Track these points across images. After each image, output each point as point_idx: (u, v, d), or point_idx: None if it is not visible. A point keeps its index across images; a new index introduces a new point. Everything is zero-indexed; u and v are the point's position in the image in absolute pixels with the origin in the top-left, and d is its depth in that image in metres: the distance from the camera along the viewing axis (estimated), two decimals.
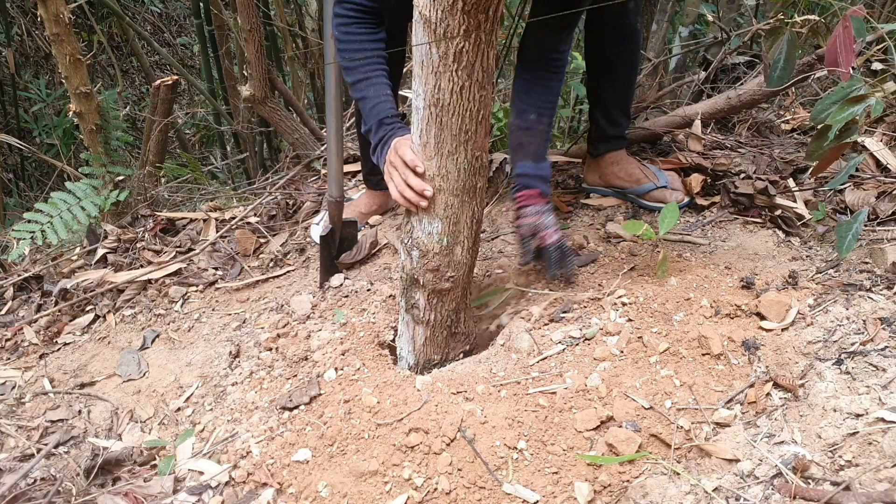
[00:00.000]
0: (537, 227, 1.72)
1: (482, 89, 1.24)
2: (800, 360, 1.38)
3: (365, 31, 1.57)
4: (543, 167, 1.78)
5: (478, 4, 1.10)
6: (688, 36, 2.76)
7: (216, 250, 2.31)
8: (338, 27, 1.58)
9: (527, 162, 1.77)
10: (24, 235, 2.25)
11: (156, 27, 5.70)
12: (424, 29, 1.17)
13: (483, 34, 1.15)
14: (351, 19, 1.56)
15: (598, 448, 1.28)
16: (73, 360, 1.92)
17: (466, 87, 1.22)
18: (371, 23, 1.57)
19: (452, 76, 1.20)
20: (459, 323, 1.59)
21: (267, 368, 1.68)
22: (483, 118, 1.29)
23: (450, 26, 1.13)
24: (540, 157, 1.77)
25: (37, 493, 1.37)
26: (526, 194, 1.76)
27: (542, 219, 1.73)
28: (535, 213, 1.73)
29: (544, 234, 1.71)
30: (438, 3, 1.11)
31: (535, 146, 1.77)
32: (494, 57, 1.23)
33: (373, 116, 1.54)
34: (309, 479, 1.34)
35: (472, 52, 1.17)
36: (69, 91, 2.38)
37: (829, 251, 1.76)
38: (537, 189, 1.75)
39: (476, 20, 1.12)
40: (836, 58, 1.32)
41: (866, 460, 1.07)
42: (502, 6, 1.15)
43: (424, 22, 1.16)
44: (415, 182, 1.37)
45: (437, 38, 1.16)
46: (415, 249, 1.46)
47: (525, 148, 1.77)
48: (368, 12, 1.56)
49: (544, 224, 1.72)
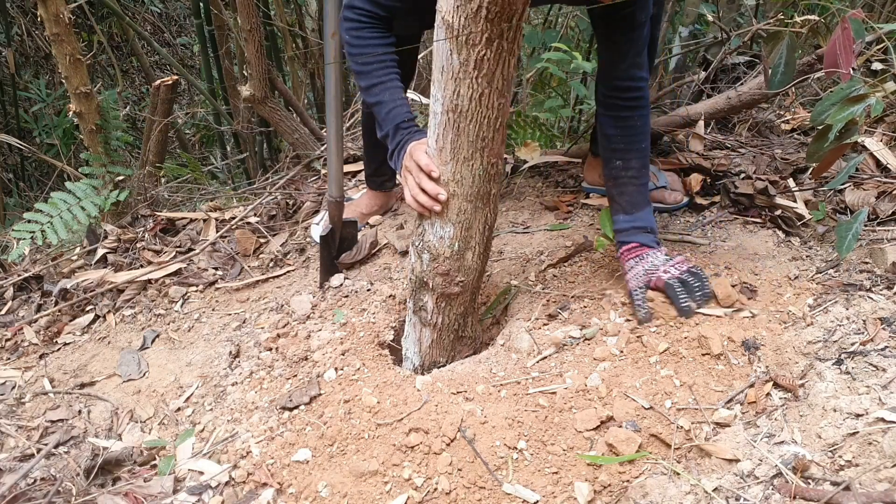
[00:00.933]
0: (647, 275, 1.59)
1: (501, 97, 1.24)
2: (800, 360, 1.38)
3: (377, 36, 1.55)
4: (640, 217, 1.66)
5: (501, 13, 1.10)
6: (688, 36, 2.75)
7: (216, 250, 2.31)
8: (348, 31, 1.56)
9: (619, 216, 1.67)
10: (24, 235, 2.25)
11: (156, 27, 5.70)
12: (446, 34, 1.16)
13: (505, 42, 1.15)
14: (362, 24, 1.54)
15: (598, 448, 1.29)
16: (73, 360, 1.92)
17: (486, 95, 1.22)
18: (381, 27, 1.55)
19: (472, 83, 1.20)
20: (467, 327, 1.60)
21: (267, 368, 1.68)
22: (500, 125, 1.29)
23: (472, 33, 1.13)
24: (634, 206, 1.65)
25: (37, 493, 1.37)
26: (625, 251, 1.66)
27: (647, 265, 1.60)
28: (637, 263, 1.62)
29: (657, 279, 1.57)
30: (462, 10, 1.11)
31: (628, 196, 1.66)
32: (515, 65, 1.23)
33: (389, 121, 1.52)
34: (309, 479, 1.34)
35: (494, 60, 1.17)
36: (69, 91, 2.38)
37: (829, 251, 1.76)
38: (635, 242, 1.64)
39: (499, 28, 1.12)
40: (836, 60, 1.32)
41: (866, 460, 1.07)
42: (526, 16, 1.15)
43: (447, 28, 1.15)
44: (429, 186, 1.36)
45: (458, 44, 1.15)
46: (426, 252, 1.46)
47: (617, 200, 1.68)
48: (379, 17, 1.54)
49: (652, 267, 1.59)
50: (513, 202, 2.25)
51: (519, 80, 3.28)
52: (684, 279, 1.56)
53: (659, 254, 1.62)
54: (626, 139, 1.64)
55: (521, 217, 2.17)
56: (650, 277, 1.58)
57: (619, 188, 1.67)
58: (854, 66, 1.31)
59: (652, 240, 1.65)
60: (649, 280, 1.58)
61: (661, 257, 1.61)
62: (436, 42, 1.21)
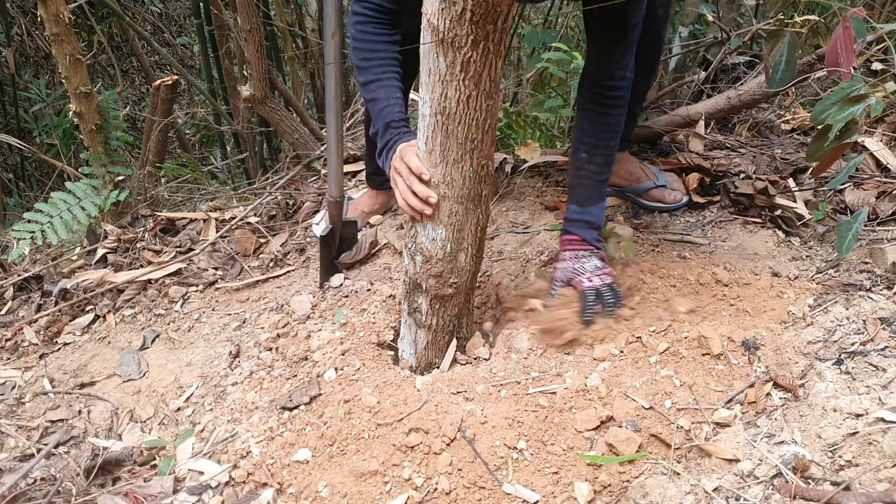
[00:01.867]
0: (573, 273, 1.62)
1: (489, 99, 1.24)
2: (800, 360, 1.38)
3: (381, 31, 1.55)
4: (590, 212, 1.67)
5: (486, 15, 1.10)
6: (688, 36, 2.75)
7: (216, 250, 2.31)
8: (354, 25, 1.56)
9: (572, 205, 1.69)
10: (24, 235, 2.25)
11: (156, 27, 5.70)
12: (432, 37, 1.16)
13: (491, 44, 1.15)
14: (368, 18, 1.54)
15: (598, 448, 1.28)
16: (73, 360, 1.92)
17: (473, 97, 1.22)
18: (387, 23, 1.55)
19: (459, 85, 1.20)
20: (462, 328, 1.60)
21: (267, 368, 1.68)
22: (490, 127, 1.29)
23: (458, 36, 1.13)
24: (588, 200, 1.67)
25: (37, 493, 1.37)
26: (566, 240, 1.68)
27: (578, 264, 1.63)
28: (571, 258, 1.65)
29: (579, 281, 1.60)
30: (447, 13, 1.11)
31: (584, 188, 1.67)
32: (502, 66, 1.23)
33: (380, 119, 1.53)
34: (309, 479, 1.34)
35: (480, 62, 1.17)
36: (69, 91, 2.38)
37: (829, 251, 1.76)
38: (578, 235, 1.66)
39: (484, 31, 1.12)
40: (837, 59, 1.32)
41: (866, 460, 1.07)
42: (511, 17, 1.15)
43: (432, 30, 1.15)
44: (419, 189, 1.36)
45: (444, 47, 1.15)
46: (418, 254, 1.46)
47: (574, 190, 1.69)
48: (386, 12, 1.54)
49: (581, 269, 1.62)
50: (513, 202, 2.25)
51: (519, 80, 3.28)
52: (601, 291, 1.58)
53: (594, 259, 1.64)
54: (596, 134, 1.65)
55: (521, 217, 2.17)
56: (573, 276, 1.62)
57: (578, 179, 1.68)
58: (854, 66, 1.31)
59: (594, 237, 1.67)
60: (571, 279, 1.62)
61: (594, 262, 1.63)
62: (422, 45, 1.21)
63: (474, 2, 1.07)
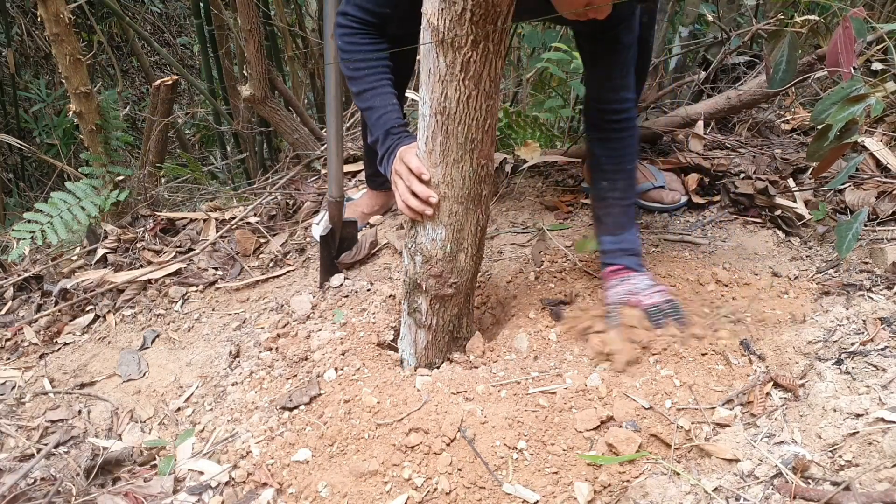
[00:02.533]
0: (628, 294, 1.57)
1: (489, 99, 1.24)
2: (800, 360, 1.38)
3: (369, 41, 1.55)
4: (625, 238, 1.64)
5: (486, 15, 1.10)
6: (688, 36, 2.75)
7: (216, 250, 2.31)
8: (341, 37, 1.57)
9: (605, 237, 1.66)
10: (24, 235, 2.25)
11: (156, 27, 5.70)
12: (432, 37, 1.16)
13: (491, 44, 1.15)
14: (353, 30, 1.55)
15: (598, 448, 1.28)
16: (73, 360, 1.92)
17: (473, 97, 1.22)
18: (373, 33, 1.56)
19: (459, 85, 1.20)
20: (461, 328, 1.60)
21: (267, 368, 1.68)
22: (489, 127, 1.29)
23: (458, 36, 1.13)
24: (619, 227, 1.64)
25: (37, 493, 1.37)
26: (609, 271, 1.64)
27: (630, 285, 1.58)
28: (621, 282, 1.60)
29: (637, 300, 1.55)
30: (447, 13, 1.11)
31: (613, 217, 1.65)
32: (502, 66, 1.23)
33: (379, 127, 1.52)
34: (309, 479, 1.34)
35: (480, 62, 1.17)
36: (69, 91, 2.38)
37: (829, 251, 1.76)
38: (621, 265, 1.63)
39: (484, 31, 1.12)
40: (837, 59, 1.32)
41: (866, 460, 1.07)
42: (511, 17, 1.15)
43: (432, 30, 1.15)
44: (419, 189, 1.36)
45: (444, 47, 1.15)
46: (418, 255, 1.46)
47: (602, 221, 1.67)
48: (371, 24, 1.55)
49: (636, 289, 1.57)
50: (513, 202, 2.25)
51: (519, 80, 3.28)
52: (662, 308, 1.54)
53: (643, 278, 1.60)
54: (612, 160, 1.64)
55: (521, 217, 2.17)
56: (630, 297, 1.57)
57: (605, 209, 1.66)
58: (854, 66, 1.31)
59: (636, 263, 1.63)
60: (628, 300, 1.57)
61: (645, 281, 1.59)
62: (422, 45, 1.21)
63: (474, 2, 1.08)
